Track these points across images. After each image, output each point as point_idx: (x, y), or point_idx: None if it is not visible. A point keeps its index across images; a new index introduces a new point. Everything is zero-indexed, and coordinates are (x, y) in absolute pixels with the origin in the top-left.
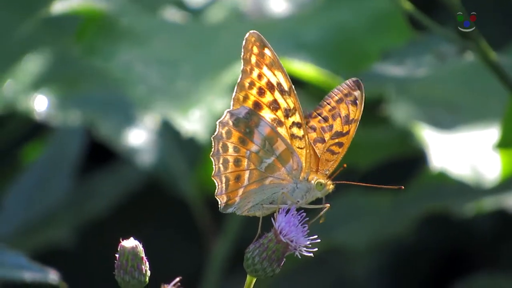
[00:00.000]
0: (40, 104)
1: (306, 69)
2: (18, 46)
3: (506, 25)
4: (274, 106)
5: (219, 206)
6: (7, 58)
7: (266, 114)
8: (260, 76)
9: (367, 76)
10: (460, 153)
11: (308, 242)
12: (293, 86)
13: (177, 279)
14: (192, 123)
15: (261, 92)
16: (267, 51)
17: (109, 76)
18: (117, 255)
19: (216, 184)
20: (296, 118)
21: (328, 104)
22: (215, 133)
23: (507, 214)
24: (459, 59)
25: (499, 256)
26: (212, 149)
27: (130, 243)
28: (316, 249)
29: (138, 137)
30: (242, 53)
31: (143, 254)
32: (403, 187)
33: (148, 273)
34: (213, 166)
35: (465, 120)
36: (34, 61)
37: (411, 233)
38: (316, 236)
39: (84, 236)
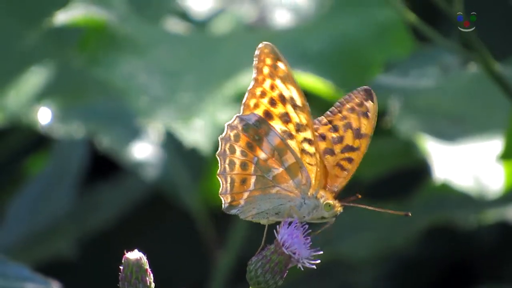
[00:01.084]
0: (43, 116)
1: (310, 80)
2: (21, 58)
3: (509, 36)
4: (285, 119)
5: (223, 205)
6: (10, 70)
7: (277, 125)
8: (272, 87)
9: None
10: (464, 164)
11: (311, 254)
12: (307, 103)
13: None
14: (194, 133)
15: (272, 103)
16: (280, 65)
17: (112, 87)
18: (121, 267)
19: (221, 183)
20: (308, 134)
21: (339, 112)
22: (223, 134)
23: (510, 225)
24: (462, 71)
25: (502, 267)
26: (219, 148)
27: (134, 255)
28: (319, 261)
29: (142, 149)
30: (255, 62)
31: (147, 266)
32: (410, 214)
33: (153, 285)
34: (219, 165)
35: (468, 131)
36: (37, 73)
37: (415, 244)
38: (319, 248)
39: (87, 248)
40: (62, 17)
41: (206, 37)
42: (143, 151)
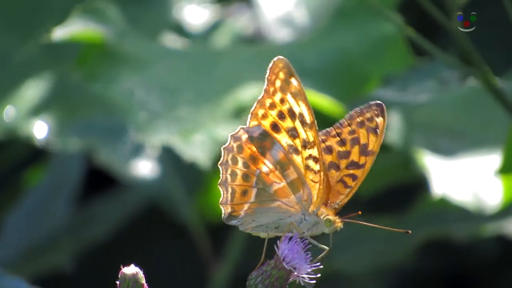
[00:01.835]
0: (39, 130)
1: (308, 95)
2: (18, 72)
3: (509, 51)
4: (293, 133)
5: (223, 215)
6: (7, 84)
7: (284, 138)
8: (282, 101)
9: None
10: (462, 179)
11: (311, 269)
12: (315, 122)
13: None
14: (193, 148)
15: (281, 116)
16: (293, 81)
17: (109, 102)
18: (117, 282)
19: (222, 193)
20: (314, 152)
21: (349, 125)
22: (226, 144)
23: (509, 240)
24: (461, 85)
25: (500, 281)
26: (222, 158)
27: (131, 270)
28: (319, 275)
29: (139, 163)
30: (267, 74)
31: (144, 281)
32: (410, 231)
33: None
34: (220, 175)
35: (467, 146)
36: (34, 87)
37: (413, 258)
38: (319, 264)
39: (85, 262)
40: (60, 32)
41: (204, 52)
42: (140, 165)
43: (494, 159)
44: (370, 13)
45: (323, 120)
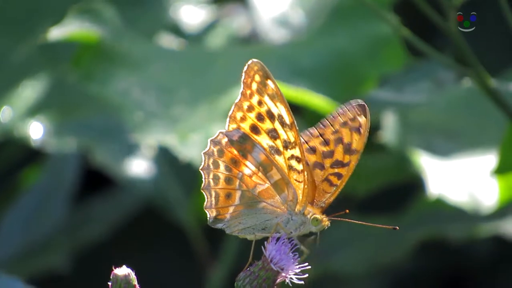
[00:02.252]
0: (35, 131)
1: (303, 95)
2: (14, 73)
3: (504, 52)
4: (273, 134)
5: (208, 219)
6: (3, 84)
7: (264, 139)
8: (260, 103)
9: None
10: (458, 179)
11: (299, 270)
12: (295, 122)
13: None
14: (189, 148)
15: (260, 118)
16: (270, 83)
17: (105, 103)
18: (109, 283)
19: (206, 197)
20: (296, 152)
21: (332, 125)
22: (206, 149)
23: (505, 240)
24: (457, 86)
25: (496, 281)
26: (203, 163)
27: (122, 271)
28: (307, 275)
29: (135, 164)
30: (243, 77)
31: (135, 282)
32: (397, 227)
33: None
34: (203, 179)
35: (462, 146)
36: (30, 88)
37: (408, 258)
38: (307, 264)
39: (81, 262)
40: (56, 33)
41: (200, 52)
42: (136, 165)
43: (489, 159)
44: (366, 13)
45: (319, 121)
